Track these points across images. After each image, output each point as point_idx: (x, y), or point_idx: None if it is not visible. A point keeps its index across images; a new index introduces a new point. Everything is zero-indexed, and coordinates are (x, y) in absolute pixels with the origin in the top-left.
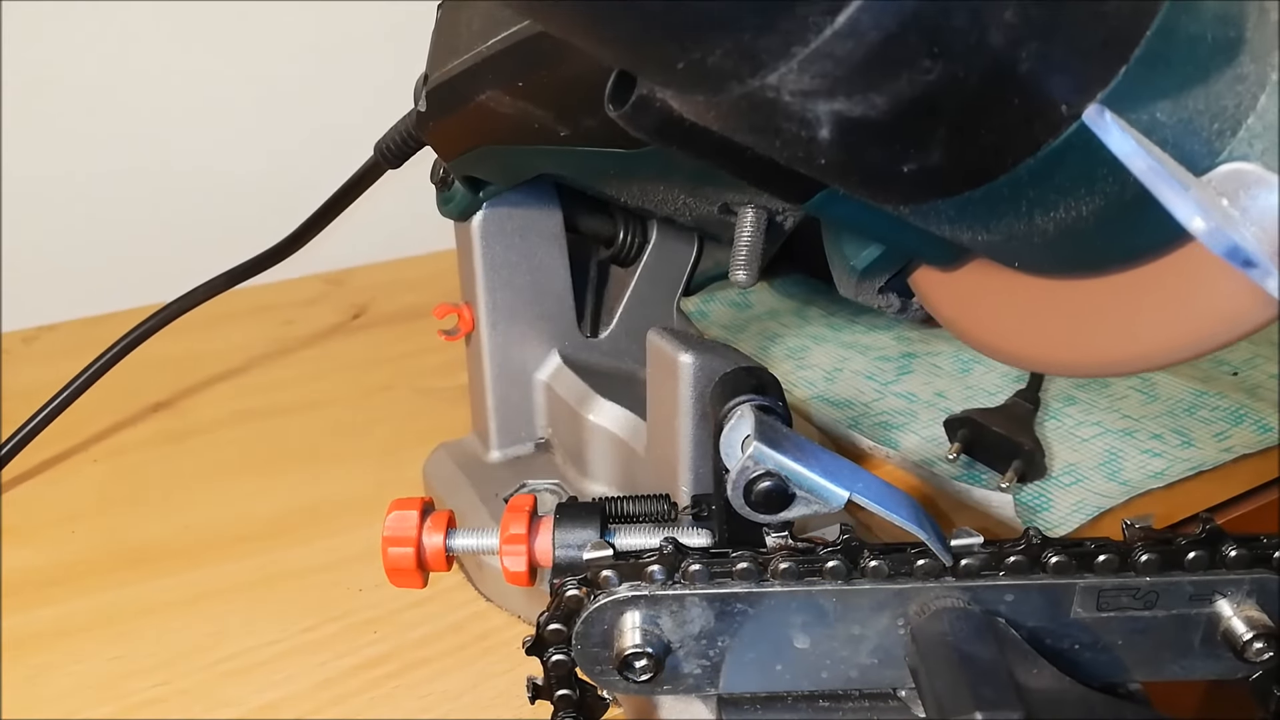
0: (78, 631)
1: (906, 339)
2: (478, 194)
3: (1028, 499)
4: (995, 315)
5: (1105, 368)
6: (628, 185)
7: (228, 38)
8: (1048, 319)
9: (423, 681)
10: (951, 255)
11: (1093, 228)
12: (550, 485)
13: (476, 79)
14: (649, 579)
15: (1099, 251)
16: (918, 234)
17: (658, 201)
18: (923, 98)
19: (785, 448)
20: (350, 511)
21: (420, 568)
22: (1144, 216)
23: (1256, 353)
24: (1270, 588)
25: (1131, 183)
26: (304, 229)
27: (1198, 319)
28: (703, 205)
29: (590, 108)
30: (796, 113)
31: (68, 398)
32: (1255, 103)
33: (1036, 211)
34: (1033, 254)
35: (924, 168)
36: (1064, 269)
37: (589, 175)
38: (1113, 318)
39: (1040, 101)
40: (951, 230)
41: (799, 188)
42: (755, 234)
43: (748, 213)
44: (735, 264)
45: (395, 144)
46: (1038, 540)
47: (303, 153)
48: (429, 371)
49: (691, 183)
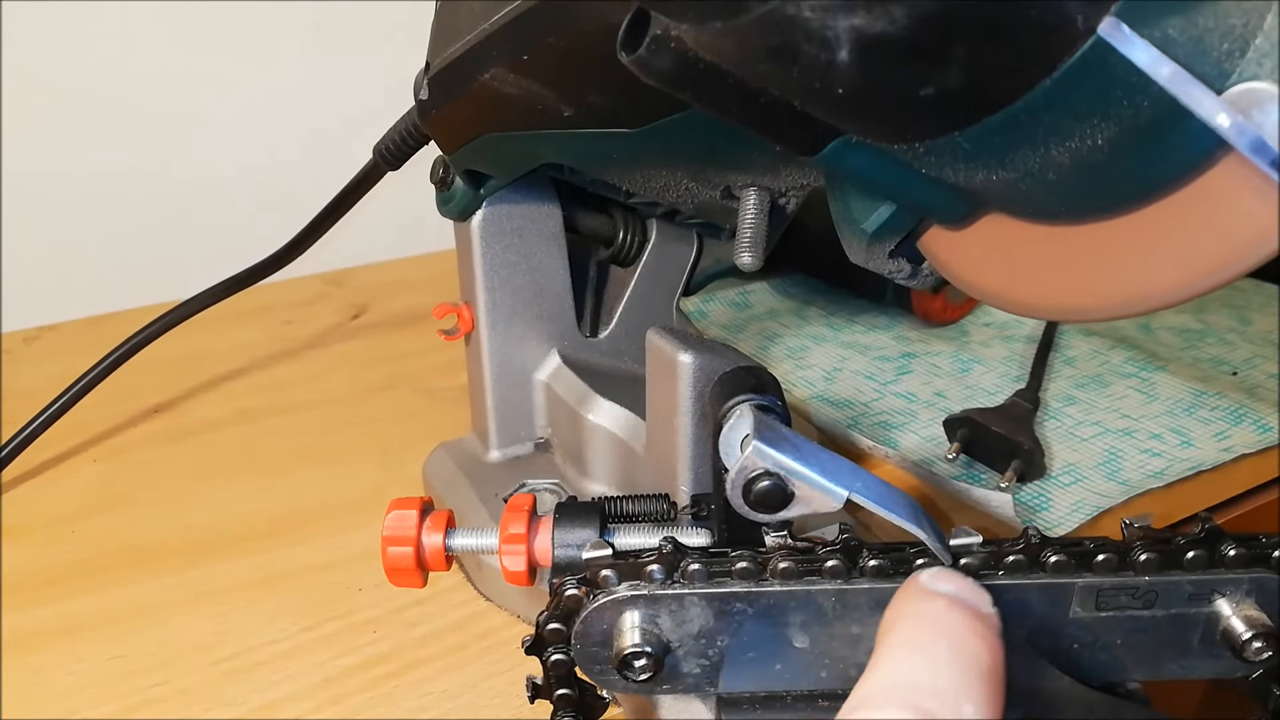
0: (78, 631)
1: (906, 339)
2: (478, 191)
3: (1027, 498)
4: (1007, 267)
5: (1120, 309)
6: (630, 173)
7: (227, 37)
8: (1060, 266)
9: (422, 681)
10: (962, 210)
11: (1107, 158)
12: (550, 485)
13: (480, 57)
14: (648, 578)
15: (1112, 186)
16: (929, 186)
17: (660, 189)
18: (941, 9)
19: (784, 447)
20: (350, 511)
21: (420, 567)
22: (1156, 145)
23: (1256, 353)
24: (1269, 587)
25: (1145, 107)
26: (304, 234)
27: (1212, 249)
28: (705, 191)
29: (595, 81)
30: (816, 31)
31: (66, 402)
32: (1262, 22)
33: (1052, 141)
34: (1047, 194)
35: (942, 91)
36: (1077, 210)
37: (592, 161)
38: (1126, 258)
39: (1056, 14)
40: (966, 172)
41: (812, 137)
42: (759, 216)
43: (750, 195)
44: (740, 247)
45: (394, 145)
46: (1037, 539)
47: (303, 152)
48: (429, 371)
49: (694, 166)
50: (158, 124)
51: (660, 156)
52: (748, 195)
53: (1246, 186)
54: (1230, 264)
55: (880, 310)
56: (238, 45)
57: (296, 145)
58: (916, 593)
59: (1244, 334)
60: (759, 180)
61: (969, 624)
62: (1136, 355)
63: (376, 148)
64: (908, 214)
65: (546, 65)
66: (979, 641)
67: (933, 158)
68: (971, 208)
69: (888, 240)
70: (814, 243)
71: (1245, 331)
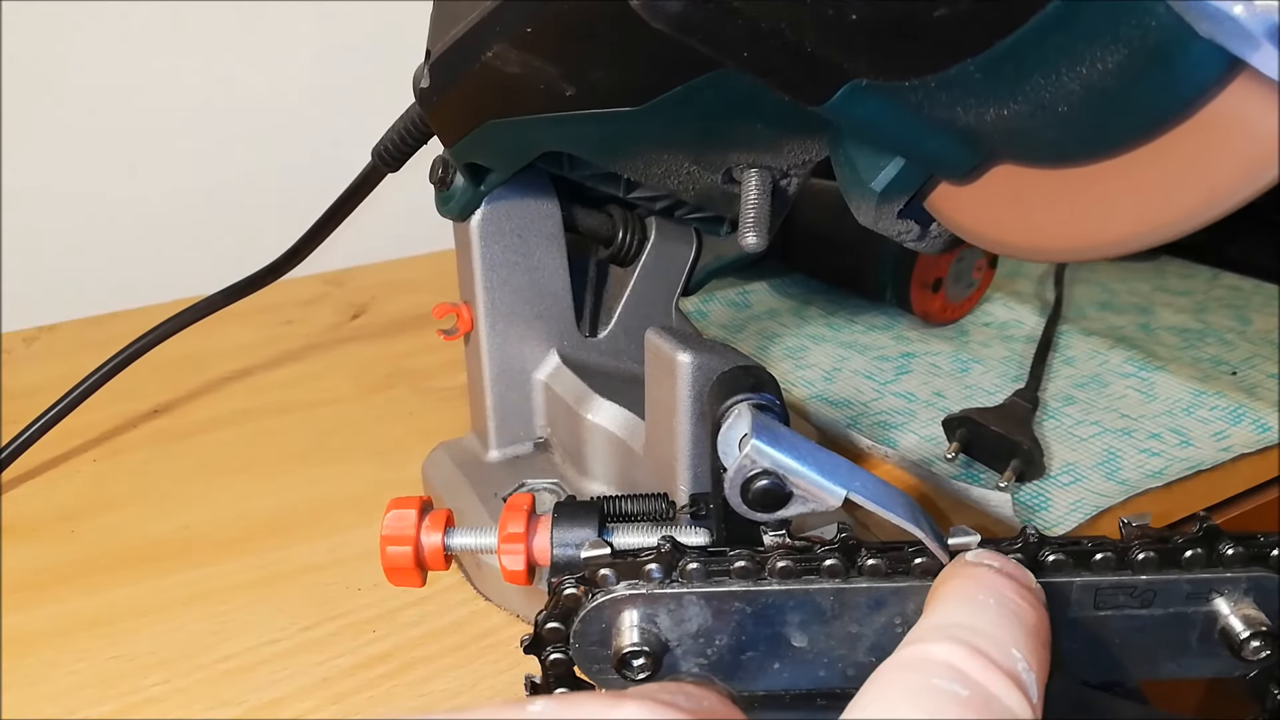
0: (78, 631)
1: (905, 339)
2: (479, 187)
3: (1026, 498)
4: (1018, 215)
5: (1133, 242)
6: (632, 159)
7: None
8: (1071, 207)
9: (422, 680)
10: (971, 160)
11: (1117, 85)
12: (549, 484)
13: (484, 34)
14: (647, 577)
15: (1123, 116)
16: (938, 136)
17: (661, 175)
18: None
19: (783, 446)
20: (349, 511)
21: (419, 567)
22: (1166, 67)
23: (1256, 352)
24: (1267, 586)
25: (1153, 27)
26: (304, 240)
27: (1224, 174)
28: (706, 175)
29: (598, 54)
30: None
31: (65, 407)
32: None
33: (1063, 67)
34: (1059, 129)
35: (955, 13)
36: (1088, 144)
37: (594, 147)
38: (1137, 191)
39: None
40: (977, 109)
41: (821, 85)
42: (761, 195)
43: (752, 175)
44: (744, 227)
45: (393, 146)
46: (1035, 539)
47: (303, 153)
48: (429, 371)
49: (695, 147)
50: (158, 124)
51: (662, 138)
52: (749, 176)
53: (1259, 103)
54: (1243, 185)
55: (880, 310)
56: (237, 45)
57: (297, 146)
58: (963, 563)
59: (1244, 334)
60: (760, 159)
61: (1016, 588)
62: (1136, 355)
63: (375, 150)
64: (916, 169)
65: (550, 37)
66: (1025, 604)
67: (944, 95)
68: (980, 158)
69: (896, 200)
70: (814, 243)
71: (1245, 331)
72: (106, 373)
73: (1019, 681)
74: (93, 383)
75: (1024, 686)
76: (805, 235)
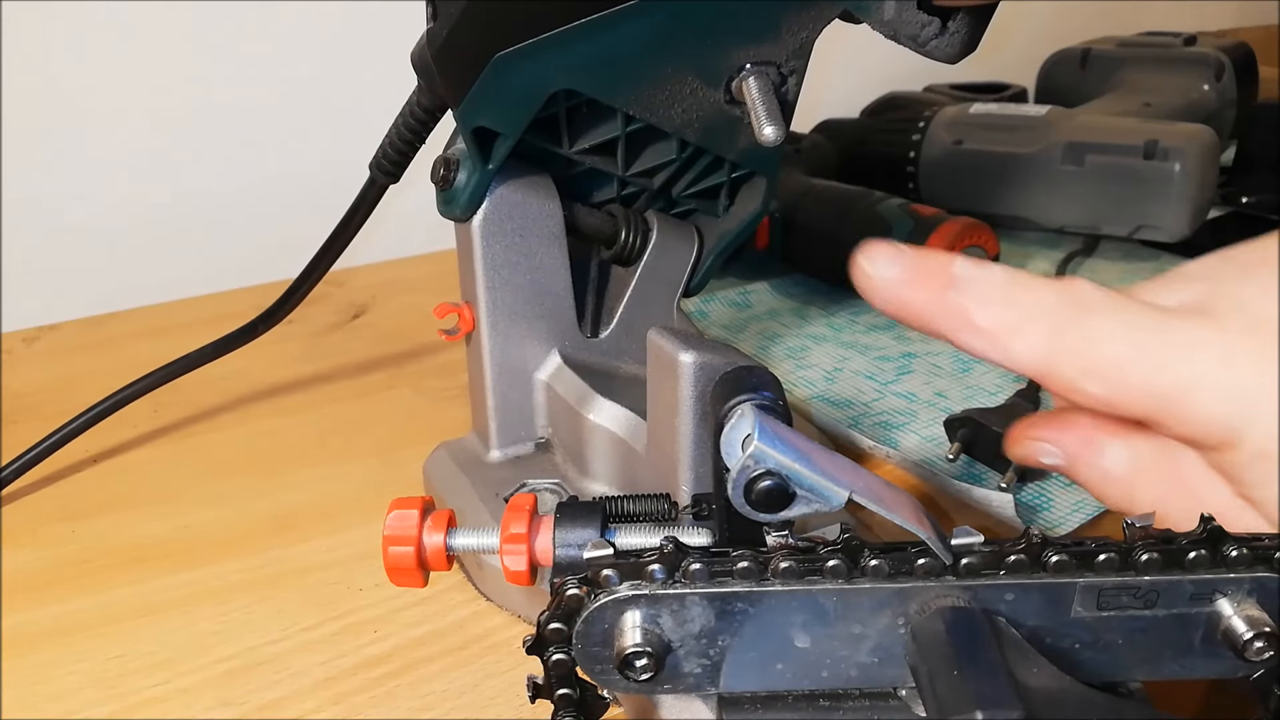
0: (78, 631)
1: (906, 339)
2: (487, 165)
3: (1028, 498)
4: None
5: None
6: (637, 84)
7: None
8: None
9: (423, 681)
10: None
11: None
12: (550, 485)
13: None
14: (649, 578)
15: None
16: None
17: (665, 102)
18: None
19: (786, 447)
20: (350, 511)
21: (421, 567)
22: None
23: None
24: (1271, 587)
25: None
26: (312, 265)
27: None
28: (710, 94)
29: None
30: None
31: (62, 439)
32: None
33: None
34: None
35: None
36: None
37: (601, 77)
38: None
39: None
40: None
41: None
42: (766, 91)
43: (751, 78)
44: (759, 124)
45: (389, 154)
46: (1038, 539)
47: (304, 153)
48: (429, 371)
49: (697, 51)
50: (158, 124)
51: (664, 45)
52: (748, 80)
53: None
54: None
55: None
56: (237, 45)
57: (297, 147)
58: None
59: None
60: (759, 54)
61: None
62: None
63: (372, 163)
64: None
65: None
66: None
67: None
68: None
69: None
70: (815, 243)
71: None
72: (109, 406)
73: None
74: (94, 415)
75: None
76: (806, 235)
